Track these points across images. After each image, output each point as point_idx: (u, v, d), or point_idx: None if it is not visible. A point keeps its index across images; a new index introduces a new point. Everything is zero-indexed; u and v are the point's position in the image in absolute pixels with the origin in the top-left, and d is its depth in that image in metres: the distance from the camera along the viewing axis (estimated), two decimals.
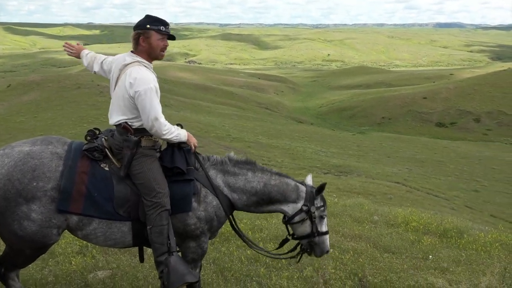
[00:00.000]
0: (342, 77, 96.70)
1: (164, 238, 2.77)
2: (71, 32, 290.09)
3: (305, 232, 3.10)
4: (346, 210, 7.36)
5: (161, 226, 2.75)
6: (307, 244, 3.15)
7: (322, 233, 3.12)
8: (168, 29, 2.84)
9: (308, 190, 3.10)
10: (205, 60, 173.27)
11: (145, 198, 2.78)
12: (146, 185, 2.78)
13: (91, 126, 12.34)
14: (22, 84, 46.44)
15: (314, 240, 3.11)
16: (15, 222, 2.59)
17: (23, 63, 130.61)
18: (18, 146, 2.71)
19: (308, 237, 3.11)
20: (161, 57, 2.88)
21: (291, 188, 3.09)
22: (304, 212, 3.06)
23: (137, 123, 2.83)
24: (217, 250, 4.43)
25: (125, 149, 2.79)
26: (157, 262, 2.84)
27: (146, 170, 2.80)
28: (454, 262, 4.81)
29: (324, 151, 29.49)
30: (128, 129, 2.81)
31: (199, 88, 63.96)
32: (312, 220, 3.07)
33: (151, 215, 2.75)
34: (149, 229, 2.76)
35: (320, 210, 3.10)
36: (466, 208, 17.72)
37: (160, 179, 2.82)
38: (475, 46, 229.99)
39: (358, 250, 4.85)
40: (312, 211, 3.06)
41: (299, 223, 3.09)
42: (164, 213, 2.76)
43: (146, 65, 2.84)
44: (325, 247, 3.15)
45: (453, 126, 54.84)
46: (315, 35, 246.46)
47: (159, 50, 2.83)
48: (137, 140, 2.80)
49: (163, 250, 2.77)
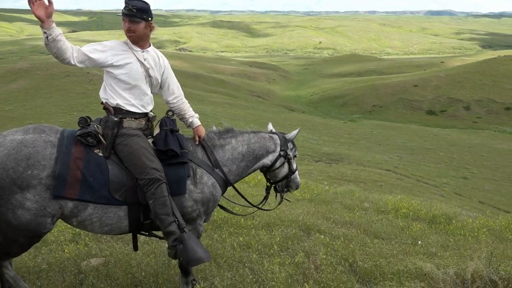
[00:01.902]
0: (334, 65, 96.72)
1: (169, 209, 2.80)
2: (59, 19, 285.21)
3: (284, 173, 3.44)
4: (337, 197, 7.45)
5: (163, 197, 2.78)
6: (283, 184, 3.49)
7: (295, 170, 3.48)
8: (125, 10, 2.81)
9: (280, 136, 3.41)
10: (196, 48, 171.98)
11: (140, 178, 2.78)
12: (138, 164, 2.78)
13: (81, 114, 12.21)
14: (10, 72, 45.72)
15: (291, 178, 3.47)
16: (9, 211, 2.58)
17: (10, 50, 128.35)
18: (10, 135, 2.68)
19: (286, 177, 3.45)
20: (130, 39, 2.90)
21: (268, 139, 3.36)
22: (282, 157, 3.38)
23: (113, 101, 2.89)
24: (210, 237, 4.46)
25: (106, 129, 2.82)
26: (166, 233, 2.84)
27: (136, 149, 2.81)
28: (442, 247, 4.90)
29: (315, 139, 29.63)
30: (109, 108, 2.89)
31: (189, 76, 63.56)
32: (289, 162, 3.42)
33: (150, 189, 2.76)
34: (152, 203, 2.77)
35: (293, 151, 3.45)
36: (455, 195, 17.98)
37: (151, 155, 2.84)
38: (466, 34, 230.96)
39: (349, 236, 4.92)
40: (288, 153, 3.39)
41: (280, 167, 3.40)
42: (163, 185, 2.79)
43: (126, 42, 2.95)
44: (298, 181, 3.56)
45: (443, 114, 55.34)
46: (307, 23, 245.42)
47: (125, 32, 2.89)
48: (117, 120, 2.85)
49: (169, 220, 2.80)
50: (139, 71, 2.89)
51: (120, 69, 2.85)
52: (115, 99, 2.89)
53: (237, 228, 4.80)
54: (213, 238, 4.44)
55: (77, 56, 2.76)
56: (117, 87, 2.89)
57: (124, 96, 2.89)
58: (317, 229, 5.01)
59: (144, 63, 2.92)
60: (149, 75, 2.95)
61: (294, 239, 4.54)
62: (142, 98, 2.95)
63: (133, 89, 2.90)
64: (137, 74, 2.89)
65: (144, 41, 2.95)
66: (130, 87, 2.89)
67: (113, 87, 2.90)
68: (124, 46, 2.92)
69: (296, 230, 4.83)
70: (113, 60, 2.83)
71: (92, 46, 2.85)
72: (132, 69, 2.87)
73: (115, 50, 2.86)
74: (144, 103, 2.97)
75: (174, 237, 2.82)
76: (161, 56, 3.08)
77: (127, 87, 2.89)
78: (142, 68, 2.91)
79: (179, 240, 2.81)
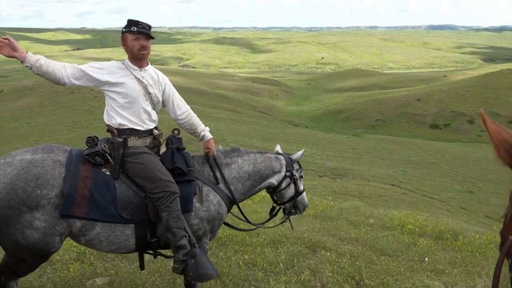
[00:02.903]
0: (336, 80, 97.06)
1: (181, 223, 2.83)
2: (64, 37, 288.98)
3: (291, 194, 3.43)
4: (342, 213, 7.39)
5: (177, 211, 2.81)
6: (291, 205, 3.47)
7: (302, 191, 3.47)
8: (140, 29, 2.90)
9: (286, 157, 3.43)
10: (199, 64, 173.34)
11: (155, 192, 2.79)
12: (152, 178, 2.81)
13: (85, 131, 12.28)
14: (15, 90, 46.17)
15: (297, 199, 3.45)
16: (18, 231, 2.59)
17: (15, 68, 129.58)
18: (19, 155, 2.71)
19: (293, 198, 3.44)
20: (141, 56, 2.95)
21: (274, 159, 3.39)
22: (288, 178, 3.38)
23: (114, 121, 2.92)
24: (215, 255, 4.44)
25: (113, 151, 2.86)
26: (177, 247, 2.85)
27: (148, 164, 2.85)
28: (450, 264, 4.85)
29: (319, 154, 29.58)
30: (112, 130, 2.93)
31: (193, 92, 63.90)
32: (295, 182, 3.41)
33: (165, 203, 2.78)
34: (166, 216, 2.78)
35: (299, 172, 3.46)
36: (461, 209, 17.83)
37: (164, 169, 2.89)
38: (467, 48, 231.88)
39: (355, 253, 4.88)
40: (294, 174, 3.39)
41: (286, 188, 3.40)
42: (178, 199, 2.83)
43: (124, 62, 2.98)
44: (305, 202, 3.54)
45: (447, 127, 55.23)
46: (309, 38, 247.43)
47: (136, 50, 2.92)
48: (122, 141, 2.88)
49: (181, 234, 2.82)
50: (137, 89, 2.93)
51: (117, 86, 2.90)
52: (116, 119, 2.93)
53: (242, 245, 4.77)
54: (218, 256, 4.42)
55: (73, 73, 2.80)
56: (116, 106, 2.92)
57: (123, 115, 2.92)
58: (323, 246, 4.97)
59: (142, 80, 2.96)
60: (148, 92, 2.98)
61: (299, 257, 4.50)
62: (142, 115, 2.98)
63: (132, 107, 2.93)
64: (134, 91, 2.92)
65: (144, 60, 3.01)
66: (128, 104, 2.92)
67: (112, 107, 2.94)
68: (121, 65, 2.98)
69: (301, 248, 4.79)
70: (110, 78, 2.88)
71: (89, 64, 2.92)
72: (129, 87, 2.91)
73: (112, 69, 2.93)
74: (144, 120, 2.99)
75: (185, 252, 2.83)
76: (160, 74, 3.12)
77: (126, 105, 2.92)
78: (140, 86, 2.95)
79: (190, 254, 2.82)
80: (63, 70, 2.78)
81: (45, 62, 2.73)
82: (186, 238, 2.85)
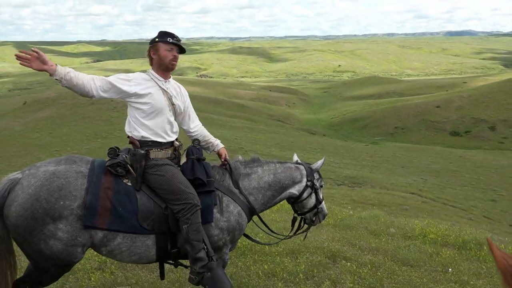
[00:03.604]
0: (354, 88, 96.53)
1: (201, 236, 2.85)
2: (85, 49, 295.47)
3: (312, 204, 3.41)
4: (362, 222, 7.30)
5: (197, 223, 2.83)
6: (312, 215, 3.44)
7: (322, 200, 3.46)
8: (175, 40, 2.97)
9: (306, 167, 3.40)
10: (216, 74, 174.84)
11: (176, 203, 2.81)
12: (174, 190, 2.83)
13: (105, 141, 12.42)
14: (38, 101, 47.34)
15: (318, 209, 3.44)
16: (41, 241, 2.63)
17: (37, 80, 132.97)
18: (43, 166, 2.76)
19: (314, 207, 3.41)
20: (172, 66, 3.00)
21: (294, 169, 3.36)
22: (309, 187, 3.36)
23: (137, 133, 2.94)
24: (234, 265, 4.42)
25: (135, 162, 2.88)
26: (194, 259, 2.86)
27: (170, 175, 2.87)
28: (475, 275, 4.72)
29: (337, 162, 29.34)
30: (134, 142, 2.95)
31: (210, 101, 64.40)
32: (316, 192, 3.39)
33: (186, 215, 2.80)
34: (186, 228, 2.79)
35: (319, 181, 3.44)
36: (484, 218, 17.40)
37: (186, 181, 2.90)
38: (487, 54, 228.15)
39: (376, 263, 4.79)
40: (315, 183, 3.37)
41: (307, 198, 3.38)
42: (199, 212, 2.85)
43: (148, 74, 3.01)
44: (325, 211, 3.53)
45: (468, 134, 54.19)
46: (325, 47, 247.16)
47: (167, 60, 2.96)
48: (144, 153, 2.90)
49: (200, 246, 2.84)
50: (162, 99, 2.97)
51: (144, 98, 2.92)
52: (139, 132, 2.95)
53: (262, 255, 4.74)
54: (237, 265, 4.40)
55: (101, 86, 2.82)
56: (141, 117, 2.94)
57: (147, 126, 2.94)
58: (343, 256, 4.90)
59: (167, 91, 3.00)
60: (172, 103, 3.02)
61: (319, 267, 4.45)
62: (166, 126, 3.01)
63: (156, 118, 2.96)
64: (160, 102, 2.95)
65: (171, 71, 3.07)
66: (154, 115, 2.95)
67: (136, 118, 2.96)
68: (147, 76, 3.01)
69: (321, 257, 4.74)
70: (137, 89, 2.91)
71: (116, 76, 2.94)
72: (155, 98, 2.94)
73: (138, 80, 2.95)
74: (168, 132, 3.02)
75: (202, 264, 2.84)
76: (181, 86, 3.20)
77: (151, 116, 2.94)
78: (165, 97, 2.99)
79: (207, 267, 2.83)
80: (92, 82, 2.78)
81: (75, 75, 2.72)
82: (205, 250, 2.86)
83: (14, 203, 2.63)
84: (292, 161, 3.52)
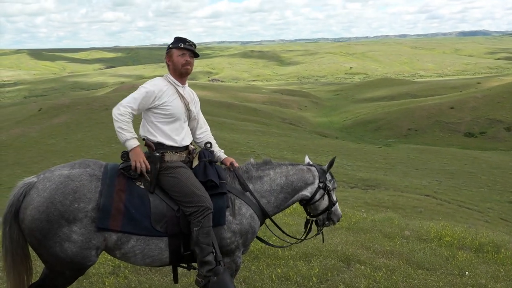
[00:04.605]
0: (366, 90, 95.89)
1: (210, 239, 2.86)
2: (98, 56, 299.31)
3: (325, 206, 3.37)
4: (376, 225, 7.22)
5: (208, 227, 2.84)
6: (325, 217, 3.41)
7: (335, 202, 3.42)
8: (187, 45, 3.03)
9: (317, 168, 3.38)
10: (228, 78, 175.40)
11: (189, 206, 2.83)
12: (187, 192, 2.85)
13: (119, 146, 12.54)
14: (53, 108, 48.07)
15: (332, 210, 3.39)
16: (56, 244, 2.66)
17: (53, 87, 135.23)
18: (58, 170, 2.81)
19: (327, 209, 3.38)
20: (185, 71, 3.05)
21: (306, 171, 3.34)
22: (322, 189, 3.33)
23: (153, 138, 2.99)
24: (247, 269, 4.41)
25: (150, 164, 2.91)
26: (202, 262, 2.87)
27: (184, 178, 2.90)
28: (493, 279, 4.63)
29: (350, 164, 29.15)
30: (150, 145, 2.98)
31: (222, 105, 64.62)
32: (329, 193, 3.36)
33: (198, 218, 2.82)
34: (196, 231, 2.81)
35: (332, 183, 3.40)
36: (501, 220, 17.09)
37: (199, 184, 2.92)
38: (502, 54, 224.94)
39: (391, 267, 4.74)
40: (328, 185, 3.34)
41: (320, 200, 3.34)
42: (210, 215, 2.86)
43: (166, 78, 3.06)
44: (339, 213, 3.49)
45: (483, 135, 53.38)
46: (337, 49, 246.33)
47: (180, 65, 3.02)
48: (159, 156, 2.93)
49: (209, 250, 2.85)
50: (180, 105, 3.02)
51: (166, 105, 2.98)
52: (155, 136, 2.99)
53: (275, 259, 4.72)
54: (250, 269, 4.39)
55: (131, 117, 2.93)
56: (158, 122, 2.99)
57: (164, 131, 2.99)
58: (357, 260, 4.86)
59: (184, 97, 3.06)
60: (188, 109, 3.08)
61: (333, 270, 4.41)
62: (181, 132, 3.06)
63: (174, 123, 3.01)
64: (178, 107, 3.01)
65: (186, 77, 3.12)
66: (171, 121, 3.00)
67: (153, 124, 3.00)
68: (166, 82, 3.05)
69: (335, 261, 4.70)
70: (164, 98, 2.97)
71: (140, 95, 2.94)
72: (174, 103, 3.00)
73: (159, 87, 2.99)
74: (184, 137, 3.08)
75: (210, 268, 2.85)
76: (194, 92, 3.26)
77: (169, 121, 3.00)
78: (182, 103, 3.04)
79: (214, 271, 2.83)
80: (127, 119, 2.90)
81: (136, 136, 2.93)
82: (213, 254, 2.87)
83: (29, 206, 2.67)
84: (304, 163, 3.51)
